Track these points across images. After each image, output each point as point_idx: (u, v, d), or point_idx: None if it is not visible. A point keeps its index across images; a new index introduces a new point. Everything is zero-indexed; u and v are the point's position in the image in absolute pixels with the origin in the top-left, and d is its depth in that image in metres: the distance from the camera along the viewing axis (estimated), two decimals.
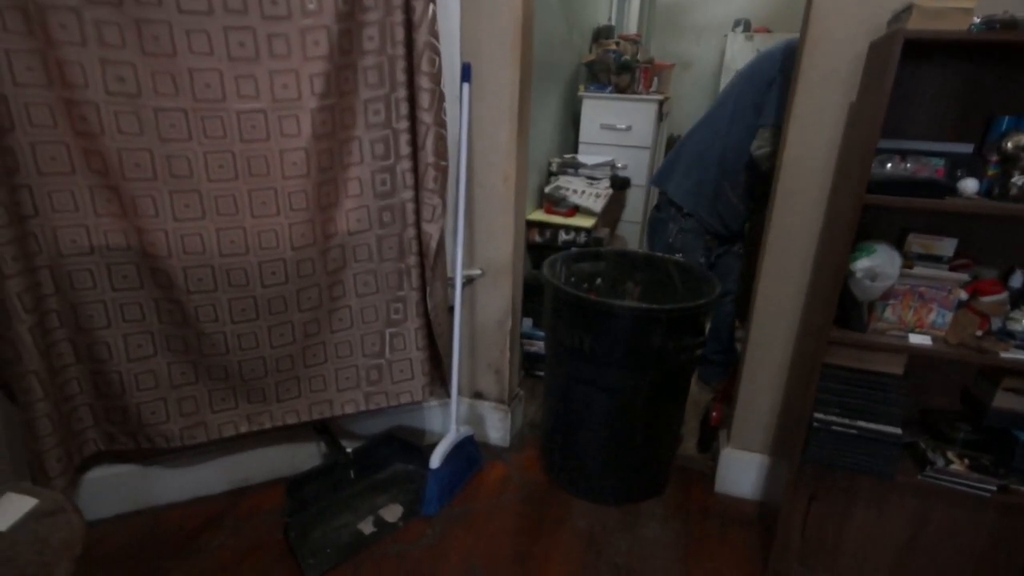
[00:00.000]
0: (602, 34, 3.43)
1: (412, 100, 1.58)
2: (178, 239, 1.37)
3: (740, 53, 4.25)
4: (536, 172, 2.69)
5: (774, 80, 1.87)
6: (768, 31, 4.30)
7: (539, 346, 2.61)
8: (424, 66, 1.53)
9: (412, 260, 1.68)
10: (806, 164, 1.52)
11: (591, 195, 2.62)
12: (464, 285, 1.93)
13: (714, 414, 2.08)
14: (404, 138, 1.60)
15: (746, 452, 1.80)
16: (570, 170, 2.80)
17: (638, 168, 3.04)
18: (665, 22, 4.72)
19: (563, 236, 2.52)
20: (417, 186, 1.64)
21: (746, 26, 4.39)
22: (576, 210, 2.63)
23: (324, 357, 1.67)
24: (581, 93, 3.07)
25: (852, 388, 1.35)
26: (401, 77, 1.56)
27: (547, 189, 2.66)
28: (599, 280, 2.04)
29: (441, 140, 1.62)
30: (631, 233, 3.13)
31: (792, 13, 4.35)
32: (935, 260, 1.36)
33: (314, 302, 1.59)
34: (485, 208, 1.85)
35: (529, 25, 1.78)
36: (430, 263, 1.67)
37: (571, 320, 1.63)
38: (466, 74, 1.72)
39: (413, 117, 1.59)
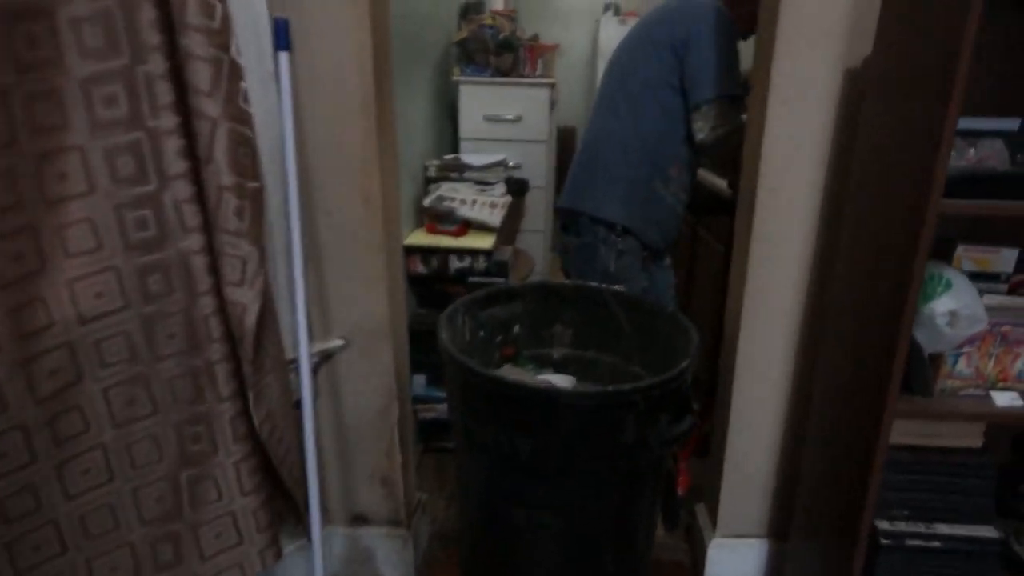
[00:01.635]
0: (471, 9, 2.91)
1: (180, 79, 0.92)
2: None
3: (616, 37, 3.99)
4: (409, 180, 2.09)
5: (688, 42, 1.45)
6: (637, 15, 4.11)
7: (441, 410, 2.02)
8: (192, 17, 0.89)
9: (216, 351, 1.01)
10: (793, 153, 1.09)
11: (485, 205, 2.08)
12: (318, 365, 1.29)
13: (680, 478, 1.64)
14: (173, 145, 0.94)
15: (742, 540, 1.37)
16: (453, 174, 2.24)
17: (535, 166, 2.56)
18: (531, 6, 4.39)
19: (455, 263, 1.95)
20: (209, 226, 0.97)
21: (616, 10, 4.21)
22: (467, 226, 2.07)
23: (59, 545, 0.95)
24: (456, 77, 2.51)
25: (921, 477, 0.94)
26: (152, 37, 0.89)
27: (427, 201, 2.07)
28: (516, 327, 1.50)
29: (244, 145, 0.97)
30: (534, 244, 2.64)
31: None
32: (991, 279, 0.99)
33: (19, 457, 0.87)
34: (339, 246, 1.23)
35: None
36: (249, 352, 1.02)
37: (495, 416, 1.07)
38: (282, 37, 1.09)
39: (187, 108, 0.93)
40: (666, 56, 1.49)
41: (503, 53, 2.57)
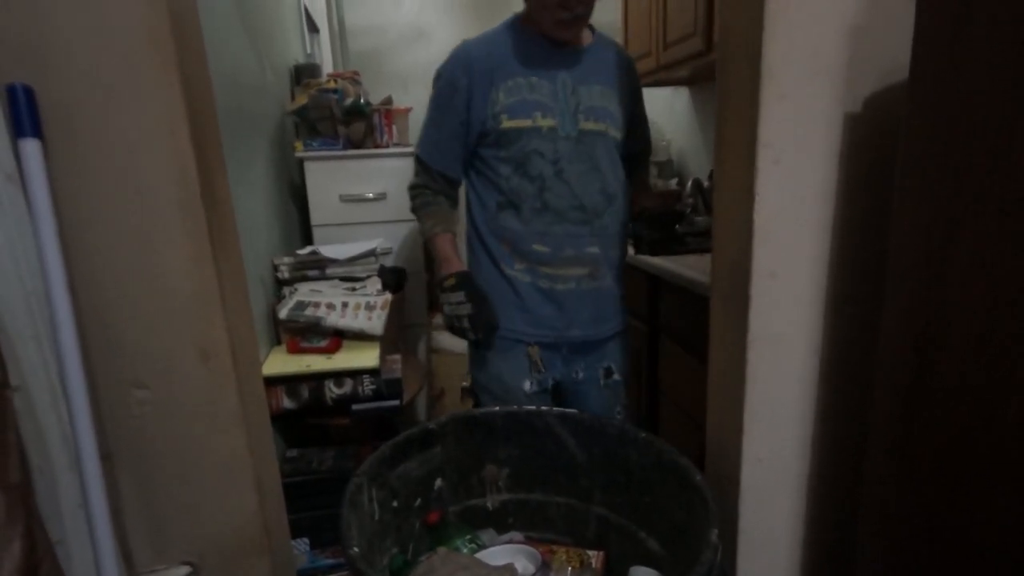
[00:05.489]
0: (305, 72, 2.60)
1: None
2: None
3: None
4: (257, 284, 1.67)
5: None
6: None
7: None
8: None
9: None
10: (794, 225, 0.89)
11: (360, 308, 1.72)
12: None
13: None
14: None
15: None
16: (312, 272, 1.85)
17: (409, 250, 2.25)
18: (363, 69, 4.18)
19: (333, 391, 1.54)
20: None
21: None
22: (341, 337, 1.68)
23: None
24: (300, 153, 2.15)
25: None
26: None
27: (283, 312, 1.66)
28: (438, 481, 1.16)
29: None
30: (416, 343, 2.30)
31: None
32: None
33: None
34: (167, 433, 0.81)
35: (192, 11, 0.85)
36: None
37: None
38: (25, 115, 0.69)
39: None
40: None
41: (353, 121, 2.28)
